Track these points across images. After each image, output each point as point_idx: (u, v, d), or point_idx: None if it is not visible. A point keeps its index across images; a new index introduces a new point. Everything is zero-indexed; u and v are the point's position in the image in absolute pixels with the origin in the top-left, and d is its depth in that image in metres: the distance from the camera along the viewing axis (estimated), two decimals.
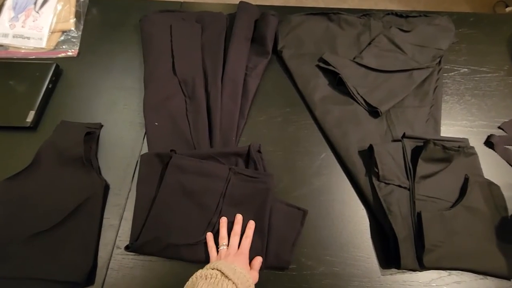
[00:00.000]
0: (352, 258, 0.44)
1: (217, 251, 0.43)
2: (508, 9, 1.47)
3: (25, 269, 0.41)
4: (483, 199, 0.46)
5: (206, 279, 0.35)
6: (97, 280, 0.42)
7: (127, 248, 0.43)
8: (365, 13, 0.65)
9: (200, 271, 0.37)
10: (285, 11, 0.65)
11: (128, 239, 0.44)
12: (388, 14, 0.66)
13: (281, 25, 0.63)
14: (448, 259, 0.42)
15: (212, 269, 0.37)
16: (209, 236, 0.44)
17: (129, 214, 0.46)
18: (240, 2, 0.64)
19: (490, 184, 0.47)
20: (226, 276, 0.35)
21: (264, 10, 0.63)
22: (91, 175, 0.48)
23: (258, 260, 0.43)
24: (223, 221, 0.45)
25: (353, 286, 0.42)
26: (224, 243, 0.43)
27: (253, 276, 0.41)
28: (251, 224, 0.45)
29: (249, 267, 0.42)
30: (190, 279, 0.37)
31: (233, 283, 0.35)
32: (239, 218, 0.45)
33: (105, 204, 0.48)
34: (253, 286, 0.39)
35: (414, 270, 0.42)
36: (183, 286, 0.41)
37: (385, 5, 1.47)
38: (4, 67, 0.59)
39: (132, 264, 0.43)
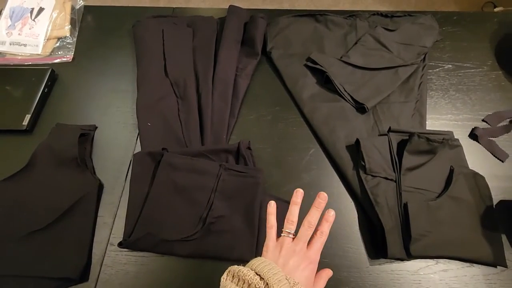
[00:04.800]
0: (341, 249, 0.45)
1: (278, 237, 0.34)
2: (496, 10, 1.50)
3: (21, 267, 0.42)
4: (468, 189, 0.47)
5: (237, 284, 0.27)
6: (91, 277, 0.43)
7: (120, 244, 0.44)
8: (351, 14, 0.68)
9: (238, 267, 0.29)
10: (273, 14, 0.68)
11: (122, 236, 0.45)
12: (374, 14, 0.68)
13: (270, 27, 0.65)
14: (435, 247, 0.43)
15: (256, 275, 0.28)
16: (273, 207, 0.36)
17: (122, 212, 0.47)
18: (230, 6, 0.66)
19: (475, 174, 0.48)
20: None
21: (253, 13, 0.65)
22: (85, 175, 0.50)
23: (326, 276, 0.34)
24: (299, 193, 0.36)
25: (342, 277, 0.43)
26: (290, 229, 0.34)
27: None
28: (331, 217, 0.35)
29: (312, 280, 0.32)
30: (224, 275, 0.29)
31: None
32: (323, 197, 0.34)
33: (99, 203, 0.49)
34: None
35: (401, 259, 0.43)
36: (178, 280, 0.41)
37: (376, 8, 1.50)
38: (1, 73, 0.61)
39: (125, 260, 0.44)
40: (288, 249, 0.32)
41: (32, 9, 0.69)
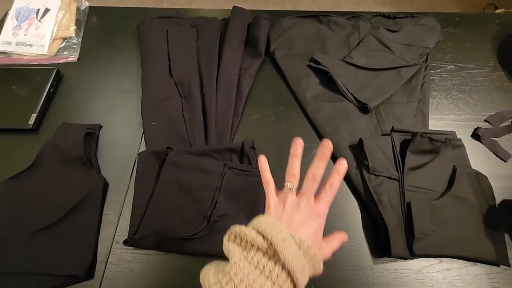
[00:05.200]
0: (344, 248, 0.45)
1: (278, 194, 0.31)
2: (498, 11, 1.50)
3: (27, 264, 0.43)
4: (471, 188, 0.47)
5: (240, 245, 0.26)
6: (96, 274, 0.43)
7: (125, 242, 0.45)
8: (354, 15, 0.68)
9: (240, 228, 0.26)
10: (276, 15, 0.68)
11: (127, 234, 0.46)
12: (376, 15, 0.68)
13: (273, 28, 0.66)
14: (438, 246, 0.43)
15: (258, 234, 0.26)
16: (263, 162, 0.33)
17: (127, 210, 0.47)
18: (234, 7, 0.67)
19: (478, 174, 0.49)
20: (282, 261, 0.24)
21: (258, 14, 0.66)
22: (90, 174, 0.50)
23: (340, 239, 0.32)
24: (297, 144, 0.32)
25: (345, 275, 0.43)
26: (292, 184, 0.31)
27: (326, 254, 0.30)
28: (343, 168, 0.31)
29: (321, 237, 0.30)
30: (226, 236, 0.27)
31: (288, 273, 0.24)
32: (327, 145, 0.31)
33: (104, 201, 0.49)
34: (321, 270, 0.27)
35: (405, 258, 0.43)
36: (181, 277, 0.41)
37: (378, 9, 1.51)
38: (7, 73, 0.62)
39: (130, 258, 0.45)
40: (292, 205, 0.30)
41: (38, 9, 0.69)
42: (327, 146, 0.32)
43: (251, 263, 0.26)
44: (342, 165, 0.32)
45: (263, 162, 0.34)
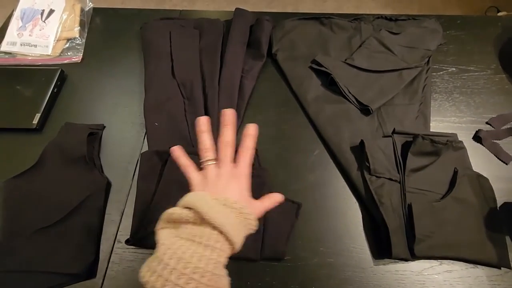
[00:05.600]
0: (346, 249, 0.45)
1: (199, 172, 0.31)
2: (500, 14, 1.50)
3: (30, 262, 0.43)
4: (472, 191, 0.47)
5: (174, 223, 0.26)
6: (98, 273, 0.44)
7: (127, 242, 0.45)
8: (356, 17, 0.68)
9: (171, 210, 0.27)
10: (279, 17, 0.69)
11: (129, 234, 0.46)
12: (378, 17, 0.69)
13: (275, 29, 0.66)
14: (439, 248, 0.43)
15: (183, 209, 0.26)
16: (176, 150, 0.33)
17: (129, 210, 0.48)
18: (236, 9, 0.68)
19: (479, 176, 0.49)
20: (209, 222, 0.24)
21: (260, 16, 0.66)
22: (93, 173, 0.50)
23: (273, 198, 0.32)
24: (203, 121, 0.32)
25: (346, 276, 0.43)
26: (209, 157, 0.31)
27: (256, 209, 0.30)
28: (251, 129, 0.32)
29: (248, 195, 0.31)
30: (157, 225, 0.27)
31: (220, 232, 0.24)
32: (227, 113, 0.32)
33: (107, 201, 0.49)
34: (255, 225, 0.28)
35: (406, 260, 0.43)
36: None
37: (379, 12, 1.51)
38: (12, 73, 0.62)
39: (132, 257, 0.45)
40: (212, 174, 0.30)
41: (43, 10, 0.70)
42: (227, 113, 0.33)
43: (181, 237, 0.26)
44: (250, 128, 0.33)
45: (176, 150, 0.34)
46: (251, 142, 0.33)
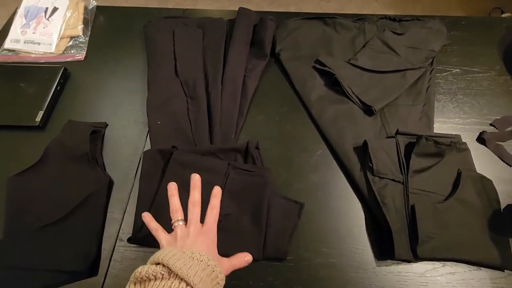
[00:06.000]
0: (348, 250, 0.45)
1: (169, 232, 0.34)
2: (504, 15, 1.50)
3: (32, 260, 0.43)
4: (476, 192, 0.47)
5: (145, 282, 0.26)
6: (100, 271, 0.44)
7: (129, 240, 0.45)
8: (360, 18, 0.68)
9: (140, 268, 0.27)
10: (282, 16, 0.68)
11: (131, 232, 0.46)
12: (382, 18, 0.69)
13: (279, 29, 0.66)
14: (442, 250, 0.43)
15: (156, 265, 0.27)
16: (146, 216, 0.36)
17: (131, 208, 0.48)
18: (240, 8, 0.67)
19: (483, 178, 0.48)
20: (176, 274, 0.25)
21: (263, 15, 0.66)
22: (96, 171, 0.50)
23: (242, 257, 0.34)
24: (172, 187, 0.36)
25: (349, 277, 0.43)
26: (179, 218, 0.34)
27: (223, 265, 0.32)
28: (216, 191, 0.36)
29: (216, 251, 0.33)
30: (127, 286, 0.27)
31: (187, 284, 0.25)
32: (195, 178, 0.36)
33: (109, 199, 0.49)
34: (223, 280, 0.29)
35: (408, 261, 0.43)
36: None
37: (382, 13, 1.51)
38: (15, 71, 0.62)
39: (134, 255, 0.45)
40: (182, 235, 0.33)
41: (47, 8, 0.70)
42: (195, 178, 0.38)
43: None
44: (216, 190, 0.37)
45: (146, 216, 0.37)
46: (216, 202, 0.36)
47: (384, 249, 0.44)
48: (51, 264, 0.43)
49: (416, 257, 0.42)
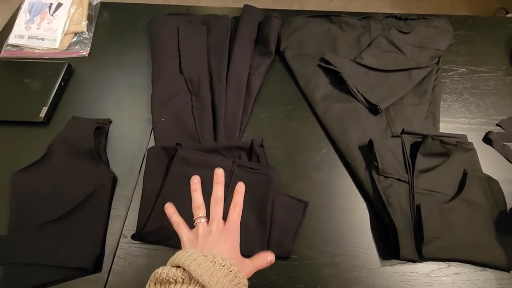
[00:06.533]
0: (352, 249, 0.45)
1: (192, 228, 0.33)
2: (509, 15, 1.49)
3: (36, 256, 0.43)
4: (482, 193, 0.47)
5: (165, 284, 0.25)
6: (104, 267, 0.44)
7: (133, 237, 0.45)
8: (365, 16, 0.68)
9: (160, 269, 0.26)
10: (288, 14, 0.68)
11: (135, 229, 0.46)
12: (388, 16, 0.68)
13: (284, 27, 0.66)
14: (447, 250, 0.42)
15: (176, 268, 0.26)
16: (169, 208, 0.35)
17: (135, 205, 0.48)
18: (245, 5, 0.67)
19: (489, 178, 0.48)
20: (197, 281, 0.24)
21: (268, 13, 0.66)
22: (100, 168, 0.50)
23: (265, 257, 0.33)
24: (194, 181, 0.35)
25: (353, 276, 0.43)
26: (200, 214, 0.33)
27: (246, 268, 0.31)
28: (240, 187, 0.35)
29: (238, 252, 0.32)
30: (147, 284, 0.27)
31: None
32: (218, 172, 0.35)
33: (113, 195, 0.49)
34: (246, 285, 0.28)
35: (413, 261, 0.43)
36: None
37: (386, 11, 1.50)
38: (19, 66, 0.62)
39: (138, 252, 0.45)
40: (203, 233, 0.32)
41: (51, 4, 0.70)
42: (218, 173, 0.36)
43: None
44: (239, 186, 0.36)
45: (168, 208, 0.36)
46: (240, 199, 0.35)
47: (389, 249, 0.44)
48: (54, 260, 0.43)
49: (421, 257, 0.42)
